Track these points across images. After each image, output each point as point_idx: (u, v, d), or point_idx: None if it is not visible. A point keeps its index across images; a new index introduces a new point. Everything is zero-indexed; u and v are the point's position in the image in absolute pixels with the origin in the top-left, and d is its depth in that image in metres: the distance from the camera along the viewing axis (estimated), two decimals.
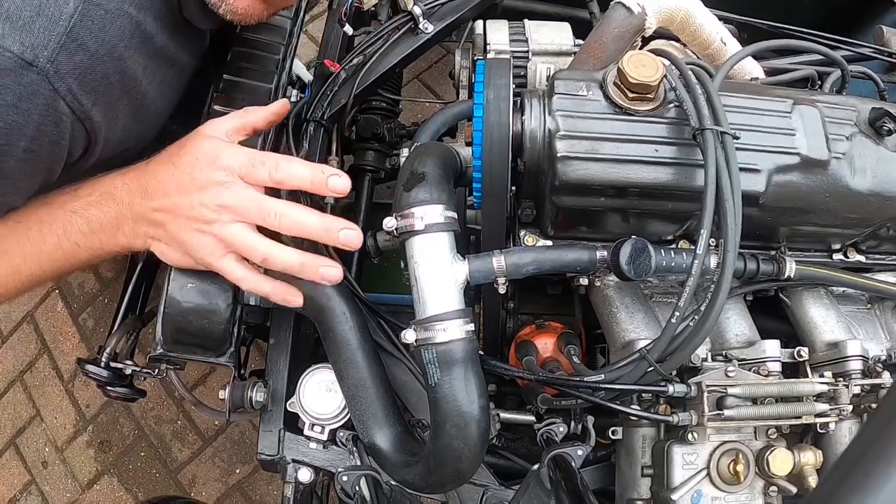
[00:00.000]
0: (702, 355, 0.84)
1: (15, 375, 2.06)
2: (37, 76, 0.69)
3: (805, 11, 1.47)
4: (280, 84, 1.02)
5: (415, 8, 1.14)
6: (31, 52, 0.67)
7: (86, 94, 0.74)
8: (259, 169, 0.78)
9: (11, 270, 0.82)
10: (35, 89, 0.69)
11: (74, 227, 0.80)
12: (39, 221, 0.80)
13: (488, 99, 0.80)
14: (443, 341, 0.77)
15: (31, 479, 1.97)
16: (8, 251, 0.81)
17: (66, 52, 0.70)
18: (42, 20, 0.68)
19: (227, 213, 0.76)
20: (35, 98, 0.70)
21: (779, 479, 0.80)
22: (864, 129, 0.85)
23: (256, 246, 0.78)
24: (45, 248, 0.81)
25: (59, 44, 0.69)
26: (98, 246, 0.81)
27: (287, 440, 0.94)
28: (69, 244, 0.80)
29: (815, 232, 0.88)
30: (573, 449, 0.82)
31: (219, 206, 0.75)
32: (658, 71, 0.77)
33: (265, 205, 0.77)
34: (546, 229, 0.87)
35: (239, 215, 0.77)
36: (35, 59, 0.68)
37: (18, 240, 0.81)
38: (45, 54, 0.68)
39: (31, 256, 0.81)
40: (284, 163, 0.79)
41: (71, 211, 0.80)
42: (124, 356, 1.08)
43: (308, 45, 2.12)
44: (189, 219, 0.76)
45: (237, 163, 0.77)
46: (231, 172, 0.77)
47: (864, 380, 0.82)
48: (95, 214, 0.79)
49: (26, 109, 0.70)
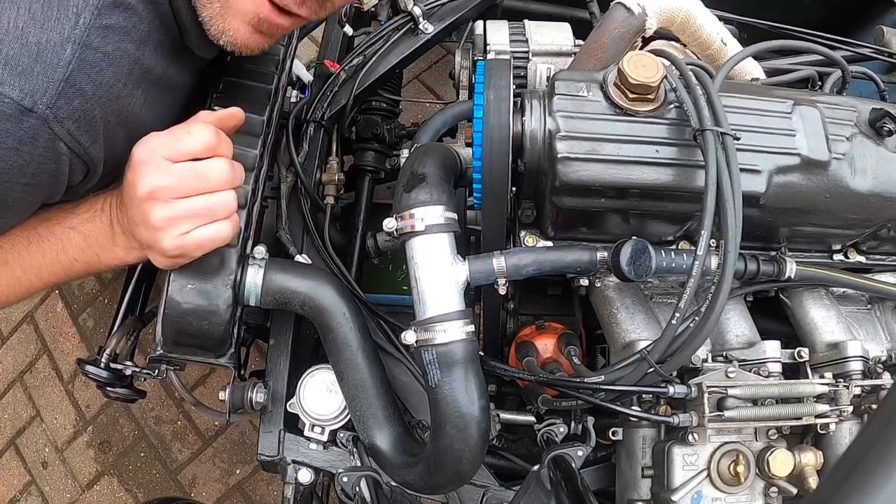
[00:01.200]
0: (702, 356, 0.84)
1: (15, 376, 2.06)
2: (36, 121, 0.70)
3: (805, 11, 1.47)
4: (280, 85, 1.02)
5: (415, 8, 1.14)
6: (29, 98, 0.69)
7: (84, 134, 0.76)
8: (184, 139, 0.78)
9: (13, 281, 0.85)
10: (35, 133, 0.71)
11: (72, 243, 0.83)
12: (39, 237, 0.83)
13: (488, 100, 0.80)
14: (443, 342, 0.77)
15: (31, 479, 1.97)
16: (9, 262, 0.84)
17: (65, 98, 0.71)
18: (40, 66, 0.69)
19: (162, 193, 0.76)
20: (35, 141, 0.71)
21: (779, 480, 0.80)
22: (864, 129, 0.85)
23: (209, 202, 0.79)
24: (45, 262, 0.84)
25: (57, 90, 0.70)
26: (95, 260, 0.84)
27: (287, 441, 0.94)
28: (67, 258, 0.83)
29: (816, 233, 0.88)
30: (573, 450, 0.82)
31: (149, 193, 0.76)
32: (658, 72, 0.77)
33: (200, 168, 0.78)
34: (546, 230, 0.87)
35: (176, 192, 0.77)
36: (34, 106, 0.69)
37: (20, 253, 0.84)
38: (44, 100, 0.70)
39: (32, 269, 0.84)
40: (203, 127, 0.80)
41: (69, 227, 0.83)
42: (124, 357, 1.08)
43: (308, 46, 2.11)
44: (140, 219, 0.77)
45: (154, 144, 0.78)
46: (151, 156, 0.77)
47: (865, 381, 0.82)
48: (91, 230, 0.82)
49: (27, 152, 0.72)
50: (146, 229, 0.78)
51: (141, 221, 0.78)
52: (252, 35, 0.85)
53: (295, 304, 0.88)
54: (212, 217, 0.80)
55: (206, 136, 0.79)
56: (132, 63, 0.79)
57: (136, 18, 0.77)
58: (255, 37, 0.85)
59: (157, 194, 0.76)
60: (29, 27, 0.68)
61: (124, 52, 0.77)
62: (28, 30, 0.68)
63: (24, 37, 0.68)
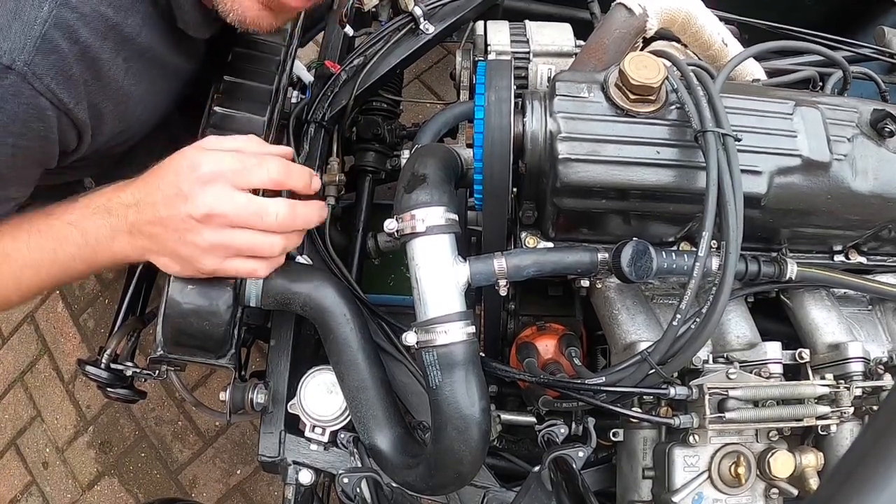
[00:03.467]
0: (703, 357, 0.84)
1: (16, 376, 2.06)
2: (16, 77, 0.71)
3: (805, 12, 1.47)
4: (281, 85, 1.02)
5: (415, 9, 1.14)
6: (8, 56, 0.70)
7: (65, 91, 0.76)
8: (254, 172, 0.78)
9: (13, 277, 0.83)
10: (16, 90, 0.72)
11: (70, 239, 0.81)
12: (38, 232, 0.82)
13: (489, 100, 0.80)
14: (444, 343, 0.77)
15: (31, 479, 1.97)
16: (10, 255, 0.82)
17: (41, 53, 0.72)
18: (18, 24, 0.71)
19: (217, 219, 0.76)
20: (18, 97, 0.73)
21: (780, 482, 0.80)
22: (865, 130, 0.85)
23: (255, 241, 0.78)
24: (43, 258, 0.82)
25: (34, 46, 0.72)
26: (93, 258, 0.82)
27: (288, 442, 0.94)
28: (64, 255, 0.81)
29: (817, 234, 0.88)
30: (574, 450, 0.82)
31: (205, 214, 0.75)
32: (659, 72, 0.77)
33: (258, 205, 0.78)
34: (547, 231, 0.87)
35: (229, 221, 0.77)
36: (13, 63, 0.71)
37: (19, 247, 0.82)
38: (23, 57, 0.71)
39: (30, 265, 0.82)
40: (281, 167, 0.80)
41: (68, 223, 0.81)
42: (125, 357, 1.08)
43: (309, 46, 2.11)
44: (179, 231, 0.76)
45: (224, 167, 0.77)
46: (217, 178, 0.76)
47: (866, 382, 0.82)
48: (90, 227, 0.80)
49: (9, 109, 0.73)
50: (184, 245, 0.77)
51: (181, 234, 0.76)
52: (261, 12, 0.85)
53: (295, 304, 0.88)
54: (252, 254, 0.79)
55: (277, 174, 0.79)
56: (108, 27, 0.79)
57: None
58: (263, 14, 0.85)
59: (214, 219, 0.76)
60: None
61: (100, 15, 0.77)
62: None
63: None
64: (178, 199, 0.76)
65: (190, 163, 0.77)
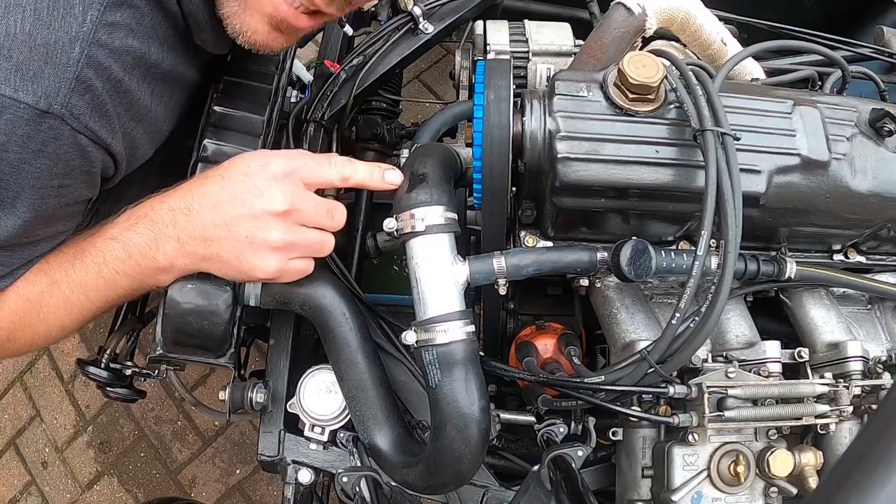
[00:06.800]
0: (702, 356, 0.84)
1: (15, 376, 2.06)
2: (54, 121, 0.71)
3: (805, 11, 1.47)
4: (280, 84, 1.02)
5: (415, 8, 1.14)
6: (44, 101, 0.70)
7: (102, 128, 0.76)
8: (325, 168, 0.80)
9: (63, 301, 0.82)
10: (56, 133, 0.72)
11: (113, 254, 0.80)
12: (82, 251, 0.81)
13: (489, 100, 0.80)
14: (443, 342, 0.77)
15: (31, 479, 1.97)
16: (58, 281, 0.82)
17: (77, 94, 0.72)
18: (51, 67, 0.70)
19: (295, 216, 0.77)
20: (58, 140, 0.72)
21: (779, 480, 0.80)
22: (864, 129, 0.85)
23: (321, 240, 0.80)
24: (89, 278, 0.81)
25: (69, 88, 0.71)
26: (137, 270, 0.80)
27: (287, 441, 0.94)
28: (109, 272, 0.80)
29: (816, 233, 0.88)
30: (573, 450, 0.82)
31: (285, 210, 0.76)
32: (658, 72, 0.77)
33: (329, 204, 0.79)
34: (546, 230, 0.87)
35: (305, 219, 0.78)
36: (49, 107, 0.70)
37: (66, 270, 0.81)
38: (59, 100, 0.71)
39: (78, 287, 0.82)
40: (345, 161, 0.82)
41: (109, 238, 0.80)
42: (124, 357, 1.09)
43: (308, 46, 2.11)
44: (249, 229, 0.76)
45: (295, 165, 0.78)
46: (292, 174, 0.77)
47: (865, 381, 0.82)
48: (132, 238, 0.79)
49: (51, 152, 0.73)
50: (250, 245, 0.76)
51: (250, 232, 0.76)
52: (271, 34, 0.85)
53: (294, 304, 0.88)
54: (312, 253, 0.81)
55: (347, 172, 0.81)
56: (137, 58, 0.79)
57: (139, 15, 0.77)
58: (273, 35, 0.85)
59: (293, 215, 0.77)
60: (36, 29, 0.69)
61: (129, 48, 0.77)
62: (35, 32, 0.69)
63: (33, 40, 0.69)
64: (252, 195, 0.76)
65: (260, 162, 0.78)
